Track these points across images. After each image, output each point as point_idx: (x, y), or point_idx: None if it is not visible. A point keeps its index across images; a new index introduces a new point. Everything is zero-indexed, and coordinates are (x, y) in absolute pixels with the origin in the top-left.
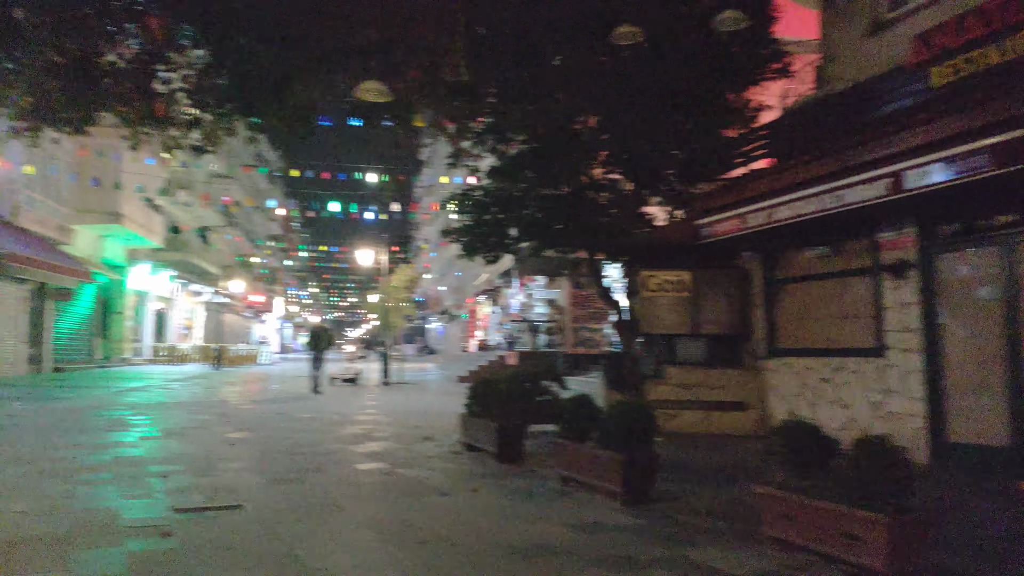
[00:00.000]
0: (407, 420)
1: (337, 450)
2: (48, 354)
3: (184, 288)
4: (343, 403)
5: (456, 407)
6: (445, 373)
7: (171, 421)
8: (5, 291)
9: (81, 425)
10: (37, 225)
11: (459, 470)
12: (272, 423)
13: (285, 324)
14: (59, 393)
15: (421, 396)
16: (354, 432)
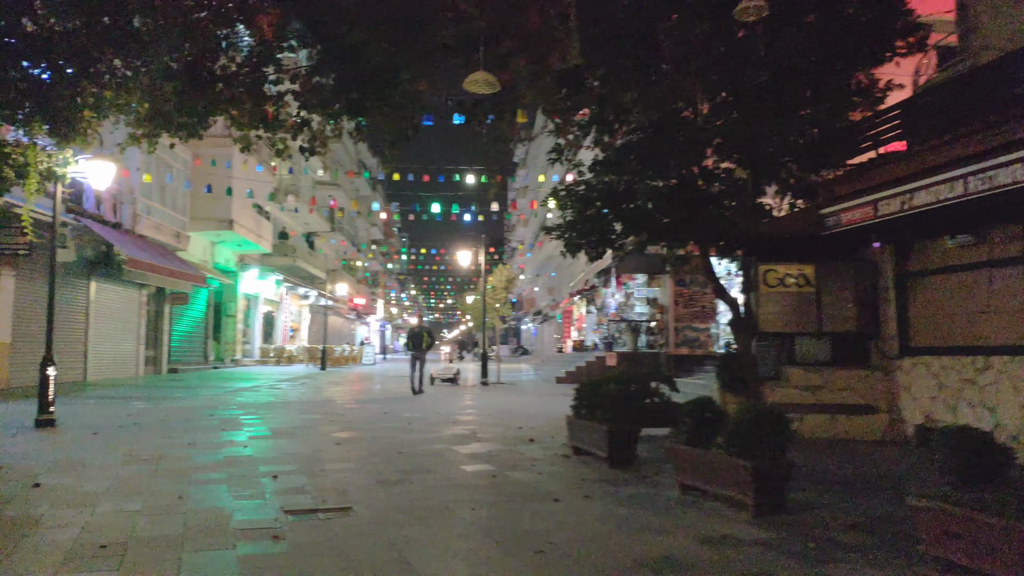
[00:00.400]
0: (509, 421)
1: (442, 451)
2: (165, 356)
3: (291, 291)
4: (444, 403)
5: (557, 408)
6: (542, 374)
7: (280, 420)
8: (126, 296)
9: (195, 424)
10: (155, 232)
11: (569, 474)
12: (377, 423)
13: (385, 326)
14: (175, 393)
15: (520, 397)
16: (457, 432)
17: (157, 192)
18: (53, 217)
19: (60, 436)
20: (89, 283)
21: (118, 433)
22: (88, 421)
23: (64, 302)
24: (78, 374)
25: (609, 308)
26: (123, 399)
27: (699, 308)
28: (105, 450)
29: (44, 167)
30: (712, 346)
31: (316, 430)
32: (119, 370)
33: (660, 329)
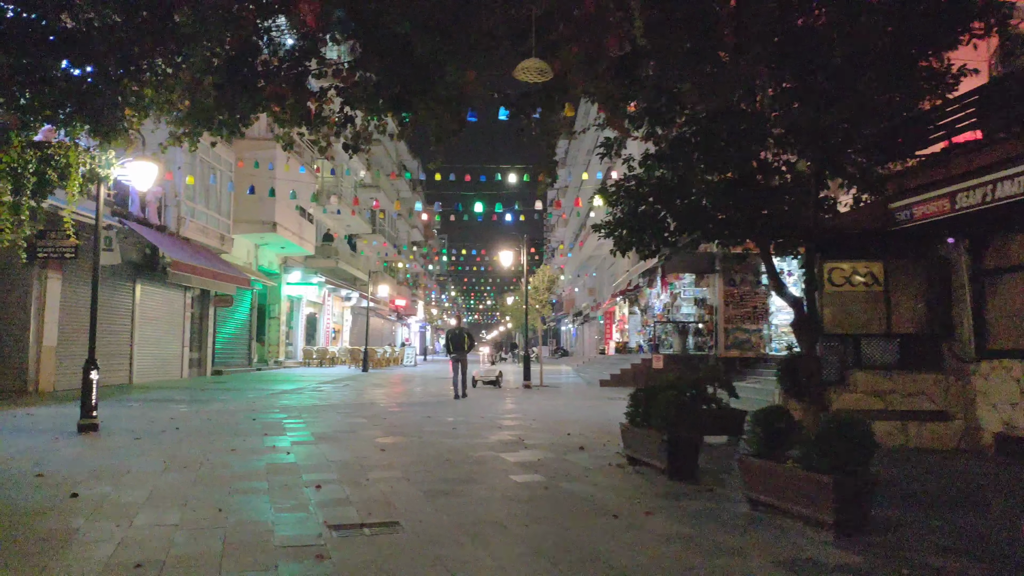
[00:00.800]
0: (557, 427)
1: (489, 458)
2: (209, 358)
3: (333, 293)
4: (487, 407)
5: (604, 414)
6: (585, 376)
7: (323, 425)
8: (170, 298)
9: (237, 428)
10: (199, 235)
11: (625, 487)
12: (421, 427)
13: (425, 327)
14: (218, 396)
15: (565, 401)
16: (504, 439)
17: (201, 195)
18: (96, 219)
19: (102, 441)
20: (134, 286)
21: (160, 438)
22: (131, 425)
23: (109, 305)
24: (123, 377)
25: (654, 309)
26: (166, 402)
27: (750, 309)
28: (146, 456)
29: (87, 168)
30: (763, 348)
31: (359, 435)
32: (164, 372)
33: (709, 331)
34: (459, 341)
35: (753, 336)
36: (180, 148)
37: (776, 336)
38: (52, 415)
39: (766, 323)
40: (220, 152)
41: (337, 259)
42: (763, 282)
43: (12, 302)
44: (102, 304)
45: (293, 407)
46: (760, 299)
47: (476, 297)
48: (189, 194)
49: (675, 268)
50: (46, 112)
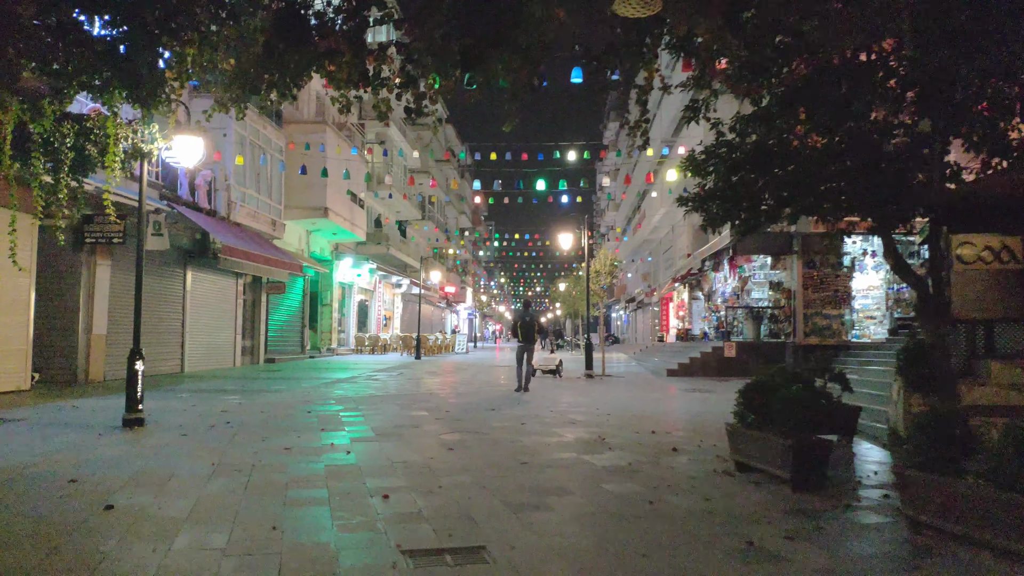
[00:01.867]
0: (636, 424)
1: (572, 461)
2: (261, 346)
3: (384, 280)
4: (553, 399)
5: (685, 408)
6: (647, 365)
7: (382, 418)
8: (222, 285)
9: (292, 423)
10: (250, 220)
11: (747, 503)
12: (487, 422)
13: (473, 314)
14: (271, 385)
15: (635, 393)
16: (582, 437)
17: (252, 179)
18: (140, 198)
19: (146, 439)
20: (185, 272)
21: (209, 435)
22: (179, 419)
23: (159, 292)
24: (175, 365)
25: (718, 294)
26: (218, 392)
27: (830, 293)
28: (192, 457)
29: (128, 143)
30: (845, 335)
31: (422, 430)
32: (216, 360)
33: (786, 316)
34: (528, 329)
35: (834, 322)
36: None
37: (859, 323)
38: (98, 408)
39: (848, 308)
40: (270, 135)
41: (388, 245)
42: (845, 264)
43: (60, 289)
44: (152, 291)
45: (349, 398)
46: (841, 282)
47: (525, 283)
48: (239, 178)
49: (748, 249)
50: (81, 78)
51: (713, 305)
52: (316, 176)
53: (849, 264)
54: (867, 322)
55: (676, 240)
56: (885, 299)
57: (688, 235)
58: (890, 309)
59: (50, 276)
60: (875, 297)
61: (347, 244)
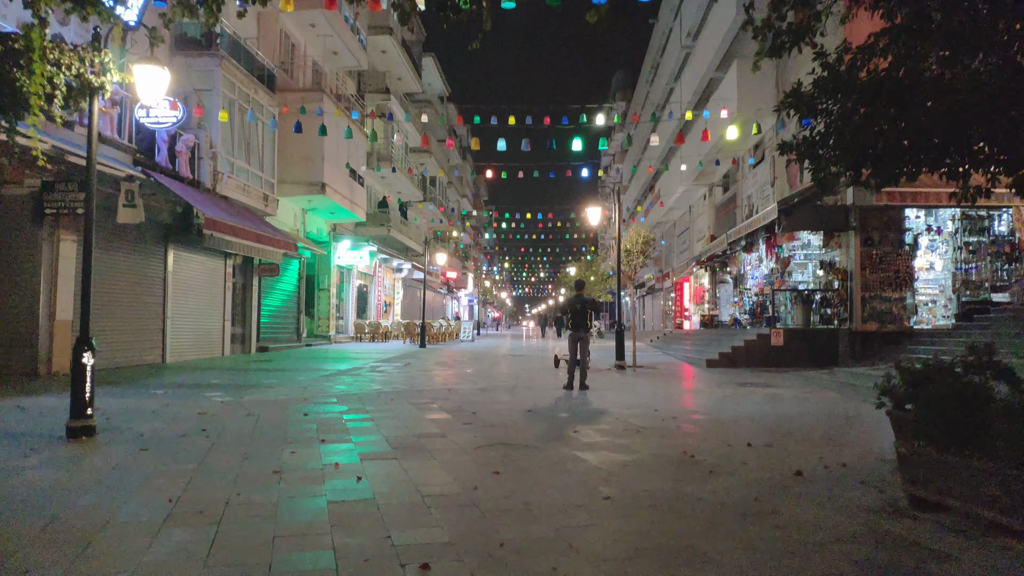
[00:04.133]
0: (721, 432)
1: (672, 494)
2: (253, 333)
3: (385, 264)
4: (596, 396)
5: (760, 408)
6: (675, 354)
7: (396, 422)
8: (209, 266)
9: (285, 430)
10: (239, 194)
11: (983, 568)
12: (528, 428)
13: (473, 300)
14: (262, 379)
15: (686, 389)
16: (664, 453)
17: (241, 148)
18: (88, 151)
19: (91, 456)
20: (166, 251)
21: (176, 449)
22: (143, 425)
23: (137, 273)
24: (155, 355)
25: (749, 277)
26: (199, 388)
27: (891, 273)
28: (145, 489)
29: (72, 73)
30: (907, 320)
31: (450, 441)
32: (203, 349)
33: (841, 300)
34: (582, 315)
35: (894, 306)
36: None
37: (922, 307)
38: (48, 409)
39: (910, 290)
40: (262, 100)
41: (389, 227)
42: (907, 240)
43: (18, 268)
44: (127, 272)
45: (353, 395)
46: (903, 261)
47: (530, 268)
48: (227, 147)
49: (797, 226)
50: None
51: (745, 289)
52: (313, 149)
53: (911, 241)
54: (928, 306)
55: (694, 221)
56: (952, 280)
57: (709, 215)
58: (957, 291)
59: (4, 254)
60: (936, 279)
61: (346, 225)
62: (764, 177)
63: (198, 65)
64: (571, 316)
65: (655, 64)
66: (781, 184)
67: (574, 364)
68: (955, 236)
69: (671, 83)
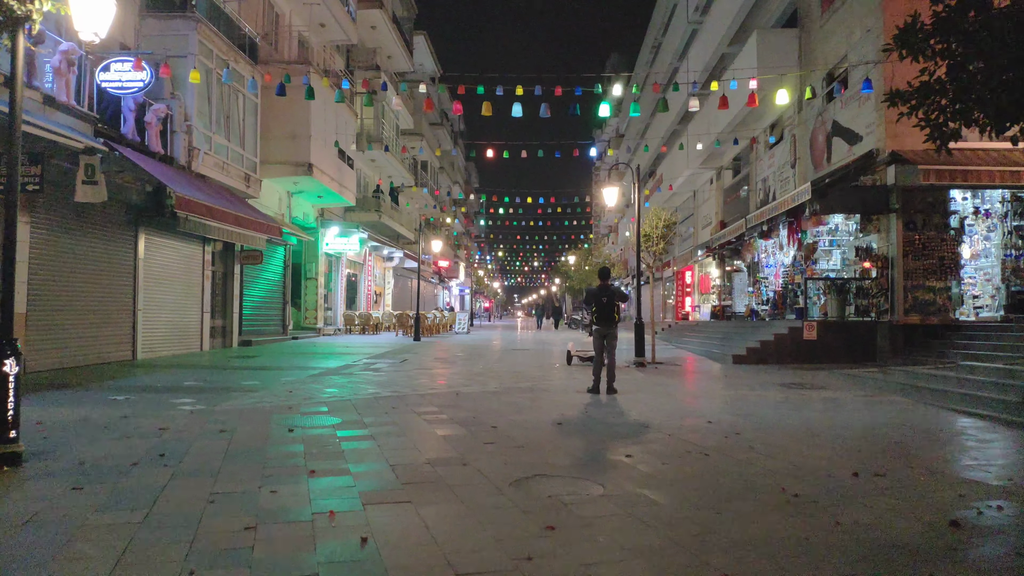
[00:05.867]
0: (808, 451)
1: (812, 560)
2: (235, 326)
3: (375, 252)
4: (630, 401)
5: (831, 419)
6: (689, 348)
7: (402, 441)
8: (186, 253)
9: (264, 454)
10: (218, 173)
11: None
12: (567, 448)
13: (465, 290)
14: (243, 380)
15: (728, 393)
16: (761, 490)
17: (219, 122)
18: (11, 109)
19: (2, 501)
20: (137, 235)
21: (121, 488)
22: (87, 448)
23: (102, 260)
24: (124, 352)
25: (765, 265)
26: (168, 394)
27: (935, 260)
28: (60, 560)
29: None
30: (951, 312)
31: (475, 470)
32: (179, 344)
33: (881, 289)
34: (609, 308)
35: (939, 296)
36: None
37: (967, 297)
38: None
39: (955, 279)
40: (242, 70)
41: (380, 212)
42: (952, 224)
43: None
44: (92, 258)
45: (346, 402)
46: (948, 247)
47: (525, 257)
48: (204, 120)
49: (832, 208)
50: None
51: (762, 278)
52: (299, 127)
53: (957, 225)
54: (974, 297)
55: (699, 207)
56: (1001, 268)
57: (717, 200)
58: (1006, 280)
59: None
60: (983, 266)
61: (334, 209)
62: (783, 158)
63: (171, 28)
64: (596, 310)
65: (656, 44)
66: (804, 165)
67: (600, 365)
68: (1005, 220)
69: (675, 62)
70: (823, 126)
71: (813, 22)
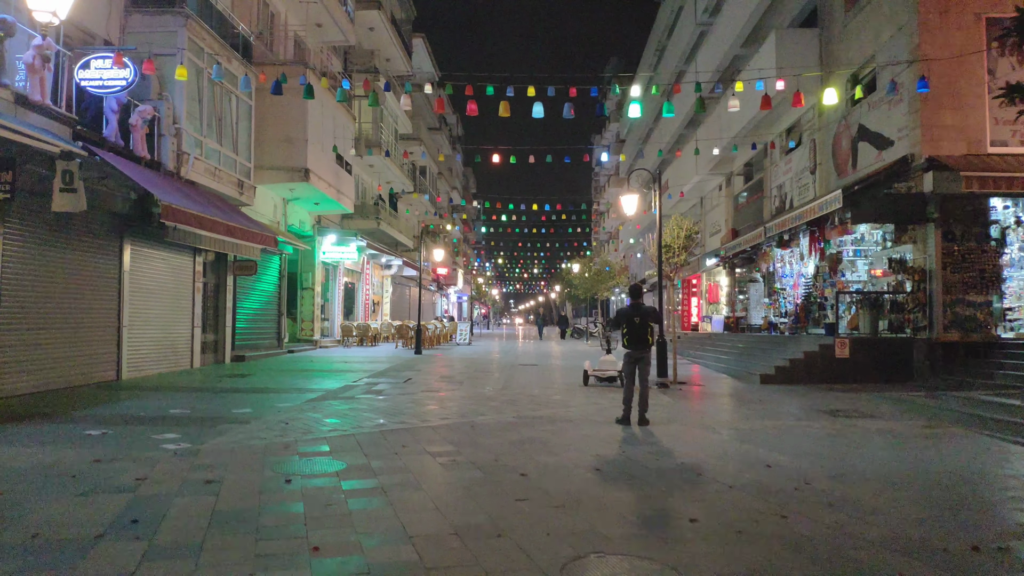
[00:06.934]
0: (909, 514)
1: None
2: (228, 341)
3: (373, 260)
4: (667, 434)
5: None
6: (709, 365)
7: (420, 498)
8: (175, 265)
9: (258, 517)
10: (209, 179)
11: None
12: (617, 509)
13: (463, 297)
14: (234, 406)
15: (766, 420)
16: (875, 560)
17: (211, 126)
18: None
19: None
20: (121, 246)
21: None
22: (41, 510)
23: (84, 273)
24: (109, 372)
25: (781, 275)
26: (152, 424)
27: (975, 273)
28: None
29: None
30: (993, 328)
31: (515, 543)
32: (168, 362)
33: (918, 304)
34: (641, 329)
35: (980, 311)
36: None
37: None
38: None
39: (996, 293)
40: (235, 70)
41: (379, 220)
42: (993, 234)
43: None
44: (73, 270)
45: (349, 436)
46: (990, 259)
47: (525, 264)
48: (194, 123)
49: (865, 217)
50: None
51: (780, 289)
52: (295, 130)
53: (998, 235)
54: (1015, 312)
55: (707, 214)
56: None
57: (726, 208)
58: None
59: None
60: (1015, 275)
61: (331, 217)
62: (801, 163)
63: (159, 24)
64: (628, 331)
65: (660, 47)
66: (825, 171)
67: (630, 393)
68: None
69: (682, 65)
70: (847, 130)
71: (835, 21)
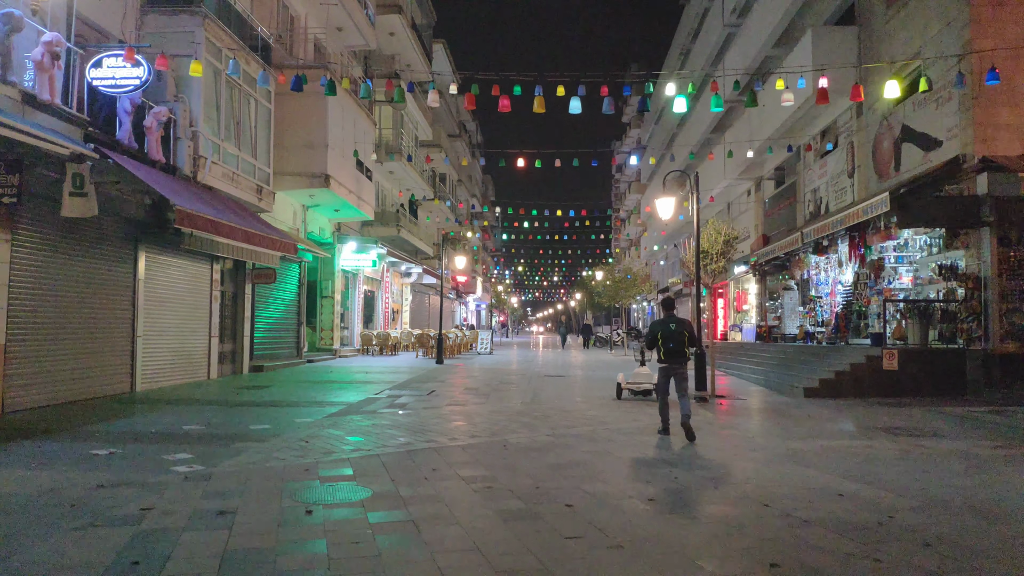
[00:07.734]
0: (987, 544)
1: None
2: (246, 351)
3: (392, 268)
4: (714, 453)
5: (989, 490)
6: (744, 376)
7: (457, 535)
8: (192, 273)
9: (274, 558)
10: (227, 185)
11: None
12: (686, 552)
13: (481, 305)
14: (252, 421)
15: (818, 440)
16: None
17: (229, 129)
18: None
19: None
20: (136, 253)
21: None
22: (36, 551)
23: (97, 281)
24: (122, 384)
25: (817, 283)
26: (164, 442)
27: None
28: None
29: None
30: None
31: None
32: (184, 372)
33: (972, 313)
34: (679, 342)
35: None
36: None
37: None
38: None
39: None
40: (254, 72)
41: (399, 227)
42: None
43: None
44: (83, 280)
45: (374, 457)
46: None
47: (544, 272)
48: (212, 126)
49: (915, 221)
50: None
51: (816, 297)
52: (315, 135)
53: None
54: None
55: (735, 220)
56: None
57: (756, 213)
58: None
59: None
60: None
61: (351, 224)
62: (838, 166)
63: (176, 24)
64: (662, 344)
65: (685, 50)
66: (864, 173)
67: (666, 406)
68: None
69: (708, 67)
70: (889, 131)
71: (876, 18)
